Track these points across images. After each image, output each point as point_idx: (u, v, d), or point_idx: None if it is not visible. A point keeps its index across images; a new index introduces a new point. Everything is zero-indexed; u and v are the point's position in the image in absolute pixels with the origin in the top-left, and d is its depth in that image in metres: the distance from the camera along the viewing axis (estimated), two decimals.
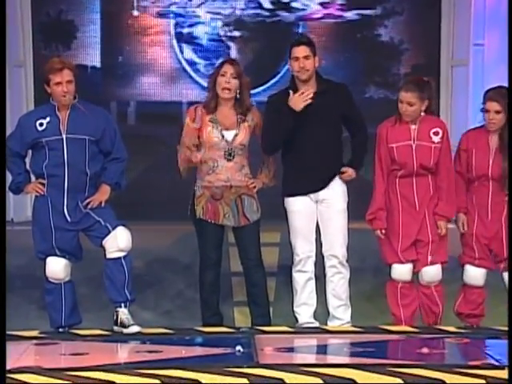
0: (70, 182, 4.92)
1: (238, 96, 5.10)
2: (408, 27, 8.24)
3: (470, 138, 5.09)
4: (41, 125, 4.93)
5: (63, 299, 4.98)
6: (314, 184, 5.08)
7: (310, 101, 4.93)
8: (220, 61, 5.29)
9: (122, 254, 4.93)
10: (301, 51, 4.99)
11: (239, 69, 5.11)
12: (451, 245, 5.15)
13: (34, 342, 4.69)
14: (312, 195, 5.10)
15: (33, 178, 5.11)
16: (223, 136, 5.09)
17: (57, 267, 4.97)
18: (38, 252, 5.04)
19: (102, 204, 4.96)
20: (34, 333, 4.84)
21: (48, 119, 4.94)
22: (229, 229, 5.22)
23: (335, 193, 5.09)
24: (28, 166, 5.08)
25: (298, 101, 4.94)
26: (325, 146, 5.04)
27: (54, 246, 4.96)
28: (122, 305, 4.94)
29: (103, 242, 4.94)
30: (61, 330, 4.97)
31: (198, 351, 4.54)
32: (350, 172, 5.10)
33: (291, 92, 5.01)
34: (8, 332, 4.73)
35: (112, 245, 4.92)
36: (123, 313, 4.91)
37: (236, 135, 5.10)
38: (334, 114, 5.04)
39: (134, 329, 4.87)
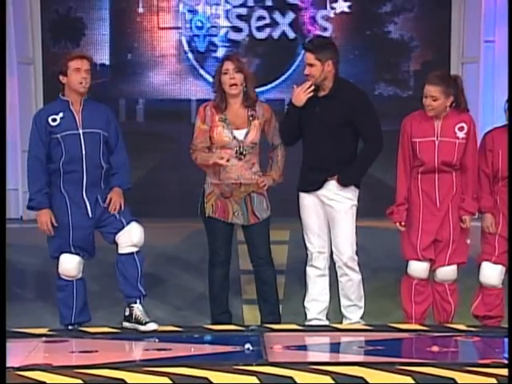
0: (88, 176, 4.90)
1: (244, 89, 5.07)
2: (418, 24, 8.21)
3: (495, 137, 5.02)
4: (54, 120, 4.91)
5: (74, 296, 4.97)
6: (311, 183, 5.07)
7: (311, 94, 4.93)
8: (220, 60, 5.25)
9: (134, 250, 4.92)
10: (306, 58, 4.98)
11: (240, 63, 5.09)
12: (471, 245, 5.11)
13: (44, 339, 4.69)
14: (313, 194, 5.08)
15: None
16: (234, 136, 5.08)
17: (70, 265, 4.95)
18: (52, 250, 5.00)
19: (122, 207, 4.94)
20: (44, 330, 4.84)
21: (61, 114, 4.90)
22: (238, 226, 5.20)
23: (334, 194, 5.03)
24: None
25: (299, 95, 4.95)
26: (324, 147, 5.00)
27: (71, 243, 4.93)
28: (137, 300, 4.91)
29: (116, 237, 4.92)
30: (70, 327, 4.96)
31: (207, 349, 4.53)
32: (336, 180, 5.03)
33: (295, 86, 5.01)
34: (17, 329, 4.76)
35: (125, 239, 4.91)
36: (138, 309, 4.88)
37: (247, 134, 5.09)
38: (338, 119, 4.98)
39: (152, 326, 4.84)
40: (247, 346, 4.34)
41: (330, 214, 5.07)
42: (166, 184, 7.98)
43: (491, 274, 5.01)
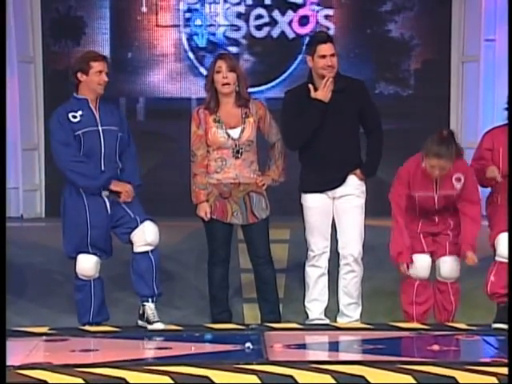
0: (107, 173, 4.89)
1: (237, 89, 5.07)
2: (418, 23, 8.20)
3: (495, 136, 5.01)
4: (74, 117, 4.90)
5: (92, 296, 4.98)
6: (331, 181, 5.05)
7: (331, 87, 4.94)
8: (212, 59, 5.23)
9: (149, 248, 4.92)
10: (328, 49, 4.97)
11: (233, 61, 5.09)
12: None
13: (44, 338, 4.69)
14: (329, 192, 5.08)
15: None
16: (229, 135, 5.07)
17: (88, 265, 4.96)
18: (69, 250, 4.99)
19: (131, 198, 4.92)
20: (44, 329, 4.84)
21: (80, 112, 4.90)
22: (238, 225, 5.20)
23: (352, 188, 5.07)
24: None
25: (324, 91, 4.94)
26: (343, 143, 5.02)
27: (88, 242, 4.93)
28: (150, 299, 4.94)
29: (131, 236, 4.92)
30: (88, 327, 4.95)
31: (208, 348, 4.53)
32: (359, 174, 5.07)
33: (311, 86, 4.99)
34: (18, 328, 4.76)
35: (140, 238, 4.91)
36: (150, 308, 4.92)
37: (242, 132, 5.08)
38: (353, 111, 5.02)
39: (159, 326, 4.88)
40: (247, 344, 4.35)
41: (342, 208, 5.06)
42: (165, 183, 7.97)
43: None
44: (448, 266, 5.03)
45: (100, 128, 4.91)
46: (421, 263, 5.00)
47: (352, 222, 5.06)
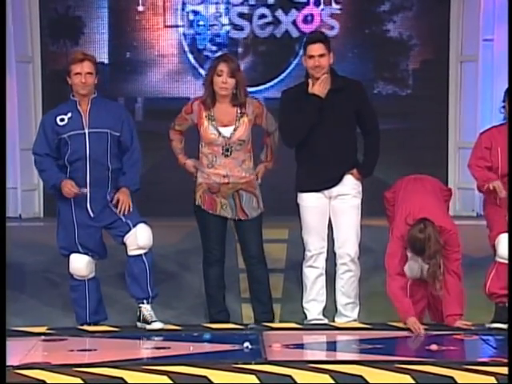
0: (92, 176, 4.90)
1: (234, 91, 5.07)
2: (417, 22, 8.20)
3: (493, 136, 5.01)
4: (62, 120, 4.93)
5: (87, 296, 4.99)
6: (327, 181, 5.06)
7: (328, 86, 4.95)
8: (215, 59, 5.23)
9: (142, 252, 4.93)
10: (316, 49, 4.97)
11: (235, 66, 5.07)
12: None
13: (43, 337, 4.70)
14: (326, 191, 5.08)
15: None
16: (220, 132, 5.07)
17: (79, 264, 4.97)
18: (60, 248, 5.04)
19: (131, 208, 4.93)
20: (43, 329, 4.85)
21: (69, 115, 4.93)
22: (233, 226, 5.19)
23: (349, 188, 5.07)
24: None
25: (320, 87, 4.95)
26: (339, 142, 5.02)
27: (77, 242, 4.95)
28: (145, 301, 4.95)
29: (124, 239, 4.93)
30: (86, 326, 4.95)
31: (206, 348, 4.54)
32: (355, 174, 5.08)
33: (310, 82, 4.99)
34: (16, 328, 4.76)
35: (132, 243, 4.92)
36: (146, 309, 4.94)
37: (234, 131, 5.08)
38: (349, 111, 5.03)
39: (157, 325, 4.89)
40: (246, 344, 4.35)
41: (339, 208, 5.07)
42: (164, 183, 7.97)
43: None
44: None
45: (86, 131, 4.91)
46: (410, 265, 5.00)
47: (348, 222, 5.06)
